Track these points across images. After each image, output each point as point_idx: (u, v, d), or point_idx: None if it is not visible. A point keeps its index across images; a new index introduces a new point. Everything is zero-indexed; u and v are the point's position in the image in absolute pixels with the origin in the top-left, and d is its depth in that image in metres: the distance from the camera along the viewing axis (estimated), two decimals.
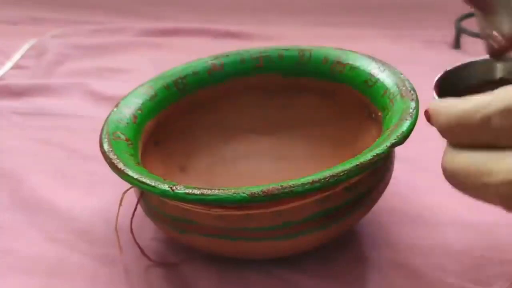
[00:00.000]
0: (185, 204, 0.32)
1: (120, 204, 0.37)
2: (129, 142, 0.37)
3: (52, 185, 0.47)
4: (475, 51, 0.76)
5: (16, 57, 0.75)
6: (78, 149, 0.52)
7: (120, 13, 0.94)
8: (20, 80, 0.68)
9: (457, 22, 0.78)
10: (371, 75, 0.40)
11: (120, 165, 0.33)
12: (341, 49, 0.44)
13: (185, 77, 0.44)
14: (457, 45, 0.78)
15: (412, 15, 0.88)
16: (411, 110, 0.34)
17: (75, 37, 0.83)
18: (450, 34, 0.78)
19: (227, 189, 0.30)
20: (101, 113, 0.44)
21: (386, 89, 0.38)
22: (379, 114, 0.38)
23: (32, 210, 0.44)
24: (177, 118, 0.44)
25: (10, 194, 0.46)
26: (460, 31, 0.77)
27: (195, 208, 0.32)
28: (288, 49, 0.45)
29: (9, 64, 0.73)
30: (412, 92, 0.36)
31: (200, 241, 0.34)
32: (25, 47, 0.78)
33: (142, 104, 0.41)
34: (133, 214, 0.36)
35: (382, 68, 0.40)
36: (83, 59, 0.75)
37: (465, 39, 0.77)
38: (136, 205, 0.37)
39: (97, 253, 0.39)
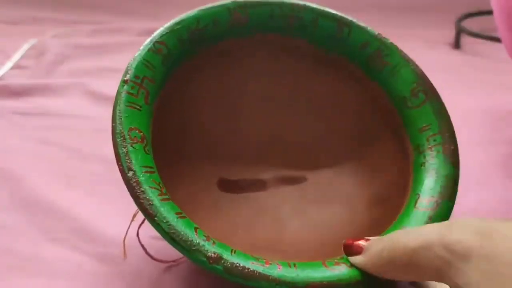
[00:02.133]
0: None
1: (132, 220, 0.36)
2: (145, 144, 0.32)
3: (52, 185, 0.47)
4: (475, 51, 0.77)
5: (16, 57, 0.75)
6: (78, 149, 0.52)
7: (120, 13, 0.94)
8: (20, 80, 0.68)
9: (457, 22, 0.78)
10: (413, 93, 0.34)
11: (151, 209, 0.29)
12: (383, 37, 0.38)
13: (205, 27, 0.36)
14: (457, 45, 0.78)
15: (412, 15, 0.89)
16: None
17: (75, 37, 0.83)
18: (450, 34, 0.78)
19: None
20: (101, 113, 0.44)
21: (427, 124, 0.32)
22: (409, 148, 0.34)
23: (32, 210, 0.44)
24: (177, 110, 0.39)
25: (10, 194, 0.46)
26: (460, 31, 0.77)
27: None
28: (326, 15, 0.37)
29: (9, 64, 0.73)
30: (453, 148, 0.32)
31: None
32: (25, 47, 0.78)
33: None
34: (143, 221, 0.36)
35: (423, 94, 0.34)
36: (83, 59, 0.76)
37: (465, 39, 0.77)
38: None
39: (97, 253, 0.39)
